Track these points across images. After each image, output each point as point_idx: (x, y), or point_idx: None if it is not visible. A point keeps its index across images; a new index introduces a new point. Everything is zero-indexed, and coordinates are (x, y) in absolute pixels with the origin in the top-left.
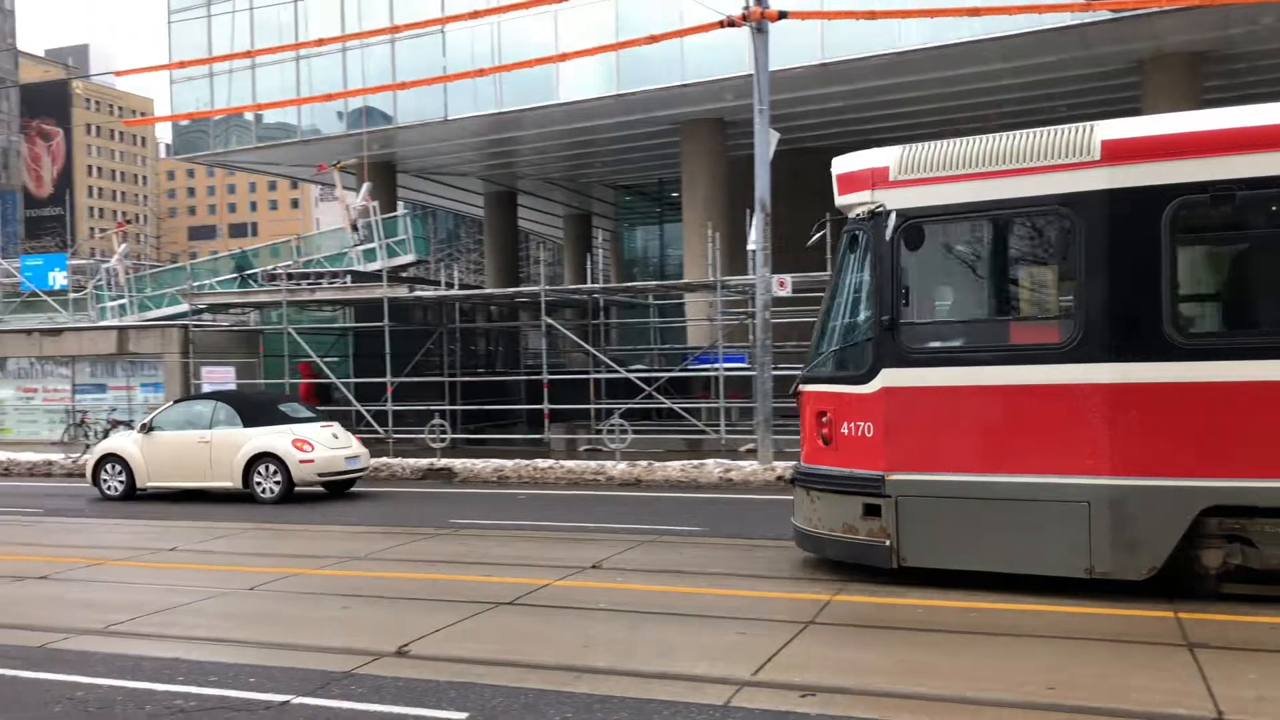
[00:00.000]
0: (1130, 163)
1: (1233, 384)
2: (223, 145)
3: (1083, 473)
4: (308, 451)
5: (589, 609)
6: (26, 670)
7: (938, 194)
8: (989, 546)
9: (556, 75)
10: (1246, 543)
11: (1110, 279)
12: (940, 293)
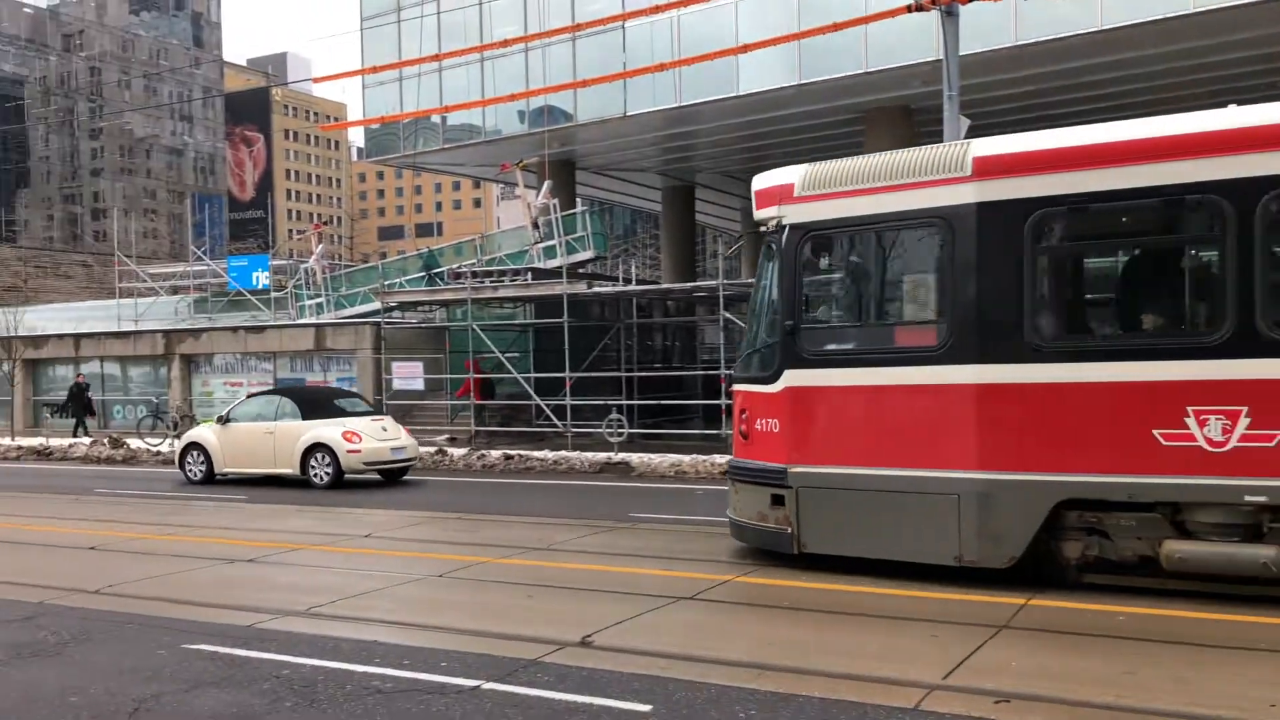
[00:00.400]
0: (997, 178)
1: (1085, 384)
2: (411, 147)
3: (953, 467)
4: (355, 443)
5: (771, 607)
6: (239, 649)
7: (833, 208)
8: (875, 535)
9: (736, 67)
10: (1103, 535)
11: (978, 286)
12: (836, 299)
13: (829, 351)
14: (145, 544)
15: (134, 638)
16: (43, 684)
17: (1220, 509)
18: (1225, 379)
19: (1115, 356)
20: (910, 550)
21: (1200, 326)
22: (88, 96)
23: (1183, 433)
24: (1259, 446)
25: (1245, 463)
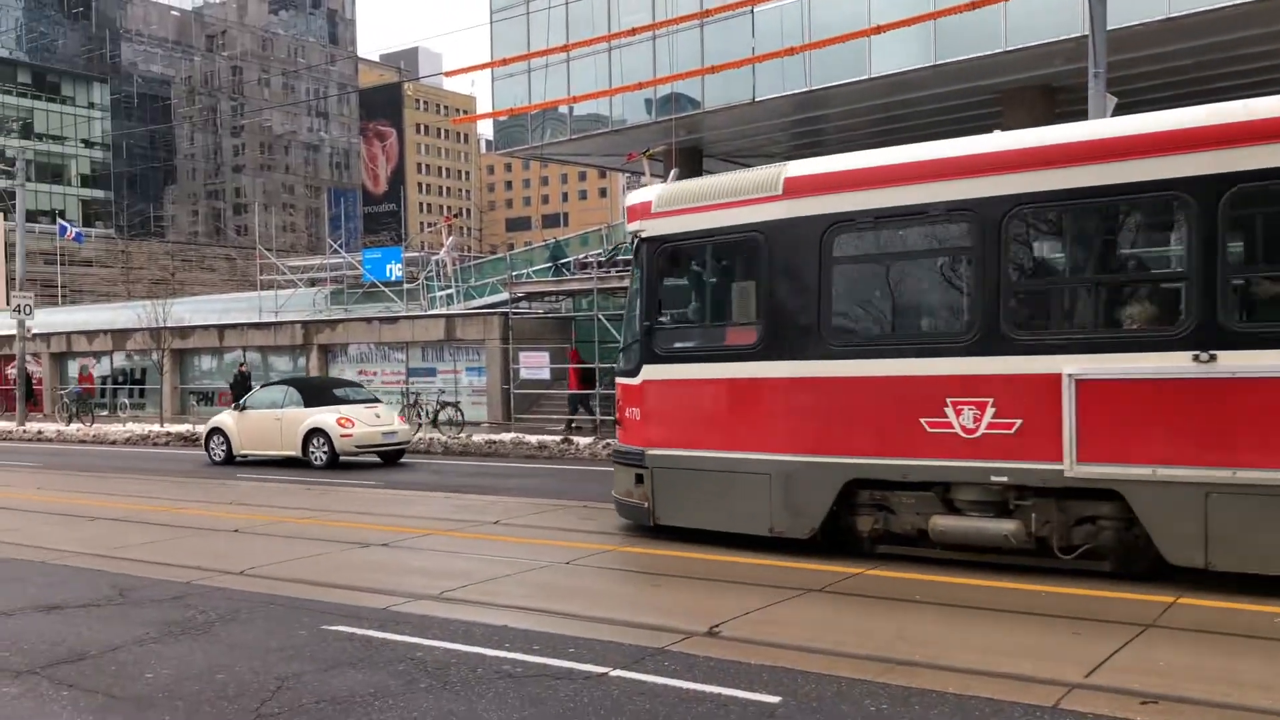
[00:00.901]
0: (801, 196)
1: (866, 379)
2: (539, 138)
3: (766, 450)
4: (348, 427)
5: (901, 600)
6: (375, 630)
7: (680, 224)
8: (710, 509)
9: (868, 49)
10: (889, 511)
11: (785, 292)
12: (682, 303)
13: (676, 349)
14: (285, 527)
15: (276, 618)
16: (192, 661)
17: (975, 488)
18: (976, 374)
19: (890, 354)
20: (736, 522)
21: (957, 328)
22: (229, 95)
23: (943, 421)
24: (1002, 433)
25: (992, 447)
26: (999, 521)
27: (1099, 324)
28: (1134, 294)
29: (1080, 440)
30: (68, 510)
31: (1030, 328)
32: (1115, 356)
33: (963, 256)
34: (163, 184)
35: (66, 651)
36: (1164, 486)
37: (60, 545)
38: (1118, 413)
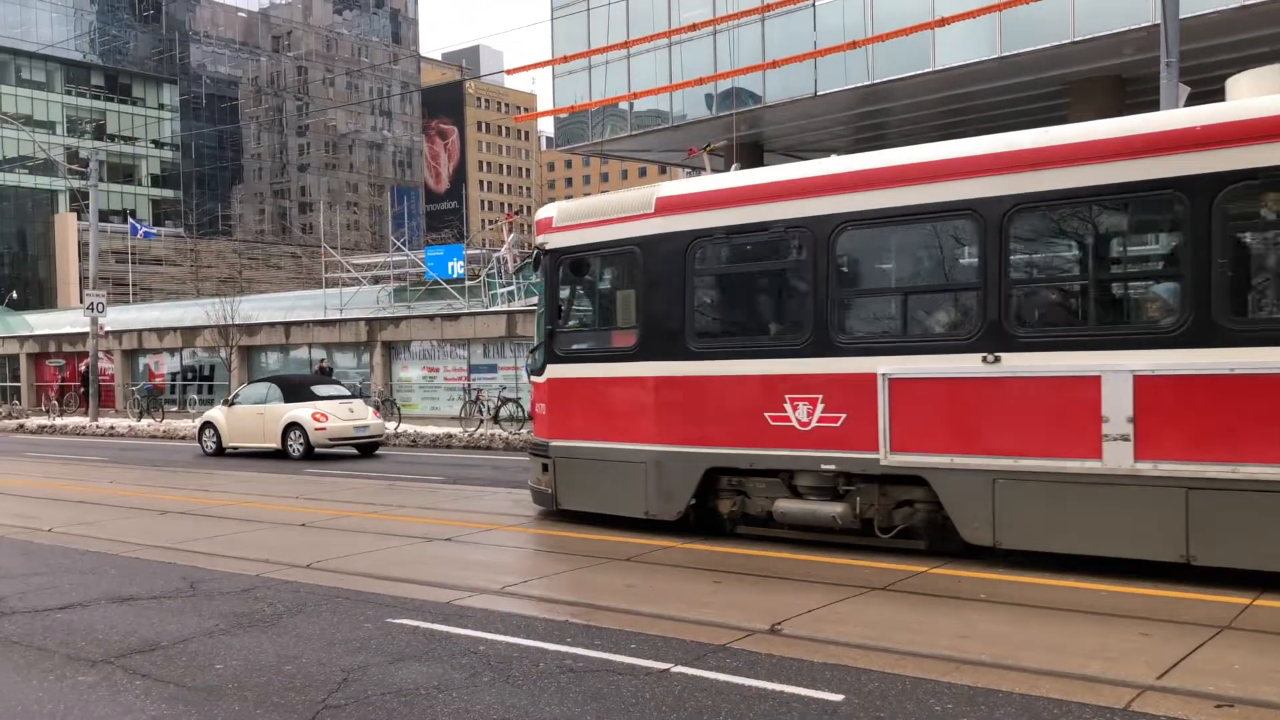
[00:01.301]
0: (670, 214)
1: (721, 377)
2: (599, 135)
3: (643, 441)
4: (322, 422)
5: (966, 600)
6: (438, 624)
7: (576, 237)
8: (600, 494)
9: (932, 42)
10: (745, 495)
11: (657, 300)
12: (577, 309)
13: (573, 350)
14: (350, 521)
15: (342, 611)
16: (261, 652)
17: (811, 475)
18: (808, 374)
19: (740, 356)
20: (620, 506)
21: (794, 333)
22: (295, 95)
23: (783, 415)
24: (831, 426)
25: (823, 438)
26: (830, 504)
27: (908, 329)
28: (936, 302)
29: (893, 432)
30: (139, 504)
31: (852, 332)
32: (920, 358)
33: (798, 268)
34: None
35: (139, 642)
36: (960, 474)
37: (133, 538)
38: (922, 408)
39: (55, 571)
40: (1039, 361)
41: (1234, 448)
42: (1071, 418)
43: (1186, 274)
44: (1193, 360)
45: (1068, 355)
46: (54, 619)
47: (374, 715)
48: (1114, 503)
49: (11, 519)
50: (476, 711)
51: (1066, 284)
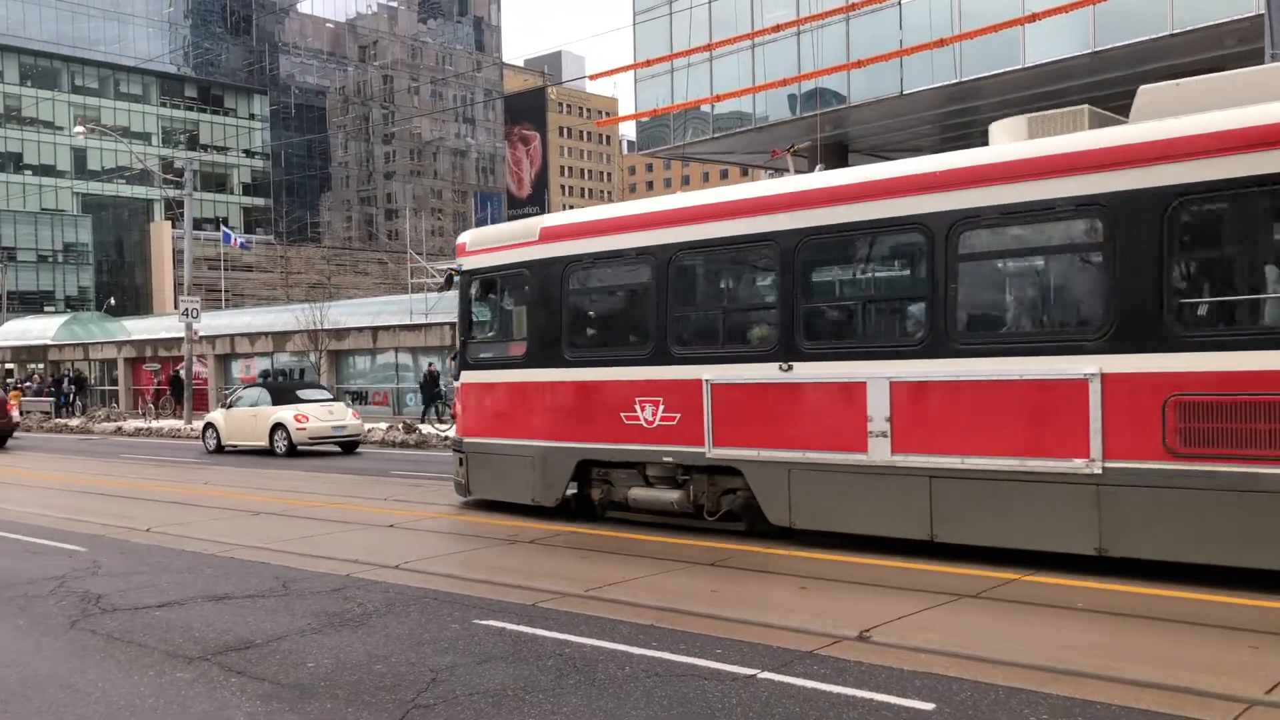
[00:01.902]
0: (550, 242)
1: (587, 382)
2: (681, 138)
3: (531, 438)
4: (303, 423)
5: (1062, 608)
6: (524, 626)
7: (483, 260)
8: (500, 484)
9: (1022, 37)
10: (610, 484)
11: (542, 316)
12: (484, 323)
13: (481, 359)
14: (436, 523)
15: (429, 612)
16: (351, 651)
17: (657, 466)
18: (653, 379)
19: (603, 364)
20: (514, 494)
21: (642, 344)
22: (381, 104)
23: (635, 415)
24: (670, 424)
25: (664, 434)
26: (670, 492)
27: (726, 342)
28: (747, 319)
29: (714, 430)
30: (232, 505)
31: (684, 344)
32: (735, 366)
33: (645, 289)
34: (318, 191)
35: (234, 640)
36: (764, 465)
37: (226, 538)
38: (736, 409)
39: (153, 570)
40: (820, 370)
41: (963, 443)
42: (845, 417)
43: (927, 297)
44: (930, 369)
45: (842, 364)
46: (153, 616)
47: (463, 715)
48: (877, 489)
49: (112, 519)
50: (564, 714)
51: (841, 304)
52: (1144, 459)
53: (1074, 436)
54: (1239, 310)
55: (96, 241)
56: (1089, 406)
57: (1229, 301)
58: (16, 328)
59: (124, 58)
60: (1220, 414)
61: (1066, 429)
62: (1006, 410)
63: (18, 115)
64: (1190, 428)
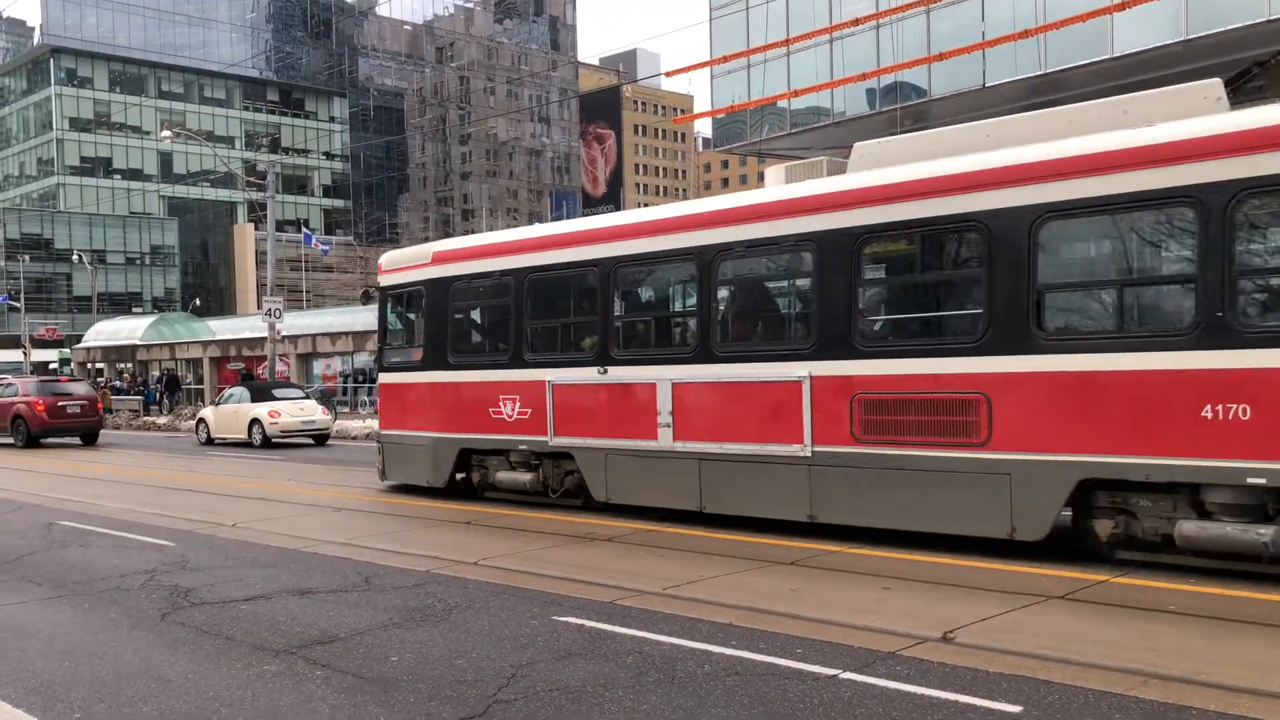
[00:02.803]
0: (439, 264)
1: (466, 382)
2: (758, 134)
3: (426, 430)
4: (275, 418)
5: (1152, 610)
6: (602, 623)
7: (395, 278)
8: (405, 469)
9: (1110, 26)
10: (486, 469)
11: (433, 327)
12: (396, 332)
13: (392, 363)
14: (512, 520)
15: (509, 607)
16: (433, 646)
17: (517, 453)
18: (512, 380)
19: (476, 368)
20: (415, 478)
21: (504, 351)
22: (458, 105)
23: (499, 410)
24: (524, 418)
25: (520, 426)
26: (524, 474)
27: (563, 350)
28: (578, 330)
29: (555, 422)
30: (315, 501)
31: (535, 351)
32: (568, 370)
33: (505, 305)
34: (397, 192)
35: (318, 633)
36: (588, 451)
37: (310, 534)
38: (569, 405)
39: (240, 565)
40: (626, 373)
41: (721, 431)
42: (643, 411)
43: (697, 314)
44: (699, 372)
45: (640, 369)
46: (240, 610)
47: (543, 711)
48: (664, 469)
49: (200, 514)
50: (643, 711)
51: (641, 318)
52: (839, 444)
53: (794, 426)
54: (897, 327)
55: (182, 244)
56: (803, 403)
57: (892, 320)
58: (106, 328)
59: (208, 63)
60: (886, 408)
61: (789, 421)
62: (750, 405)
63: (107, 121)
64: (868, 419)
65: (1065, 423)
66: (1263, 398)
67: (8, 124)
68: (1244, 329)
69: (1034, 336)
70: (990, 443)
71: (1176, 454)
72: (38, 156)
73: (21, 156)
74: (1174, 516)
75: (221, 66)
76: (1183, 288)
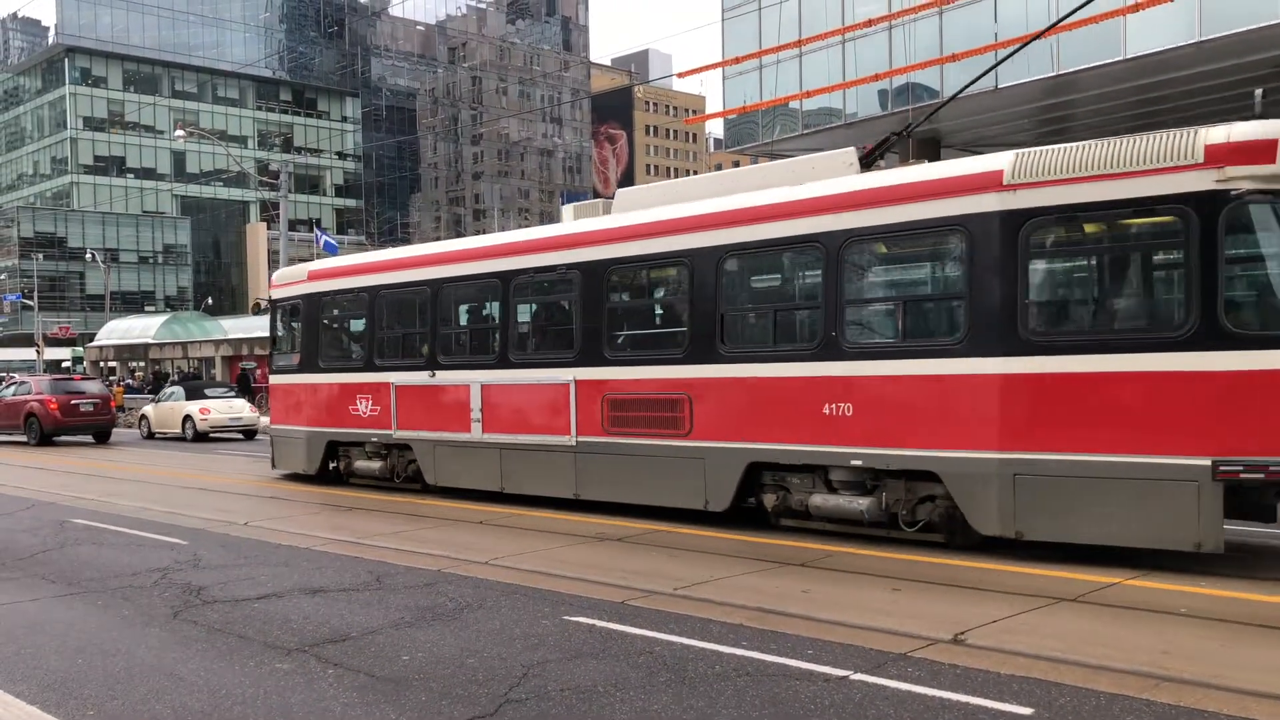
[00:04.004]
0: (313, 281)
1: (332, 383)
2: (769, 135)
3: (301, 425)
4: (205, 415)
5: (1167, 614)
6: (613, 623)
7: (281, 292)
8: (291, 459)
9: (1123, 28)
10: (350, 458)
11: (308, 335)
12: (283, 339)
13: (280, 367)
14: (526, 520)
15: (520, 607)
16: (444, 645)
17: (371, 444)
18: (365, 382)
19: (340, 371)
20: (294, 467)
21: (360, 357)
22: (469, 105)
23: (356, 408)
24: (375, 414)
25: (373, 421)
26: (375, 462)
27: (405, 356)
28: (414, 340)
29: (398, 418)
30: (325, 501)
31: (383, 357)
32: (408, 374)
33: (362, 318)
34: (408, 191)
35: (330, 632)
36: (422, 442)
37: (321, 532)
38: (408, 403)
39: (251, 563)
40: (449, 376)
41: (515, 425)
42: (461, 409)
43: (498, 327)
44: (499, 376)
45: (459, 373)
46: (252, 608)
47: (555, 710)
48: (476, 458)
49: (212, 513)
50: (654, 711)
51: (458, 331)
52: (595, 435)
53: (564, 421)
54: (632, 340)
55: (195, 243)
56: (570, 401)
57: (629, 334)
58: (119, 327)
59: (222, 63)
60: (625, 406)
61: (561, 416)
62: (534, 404)
63: (121, 120)
64: (613, 414)
65: (739, 418)
66: (861, 399)
67: (22, 123)
68: (849, 346)
69: (719, 350)
70: (692, 433)
71: (810, 442)
72: (52, 155)
73: (36, 155)
74: (812, 491)
75: (235, 66)
76: (812, 313)
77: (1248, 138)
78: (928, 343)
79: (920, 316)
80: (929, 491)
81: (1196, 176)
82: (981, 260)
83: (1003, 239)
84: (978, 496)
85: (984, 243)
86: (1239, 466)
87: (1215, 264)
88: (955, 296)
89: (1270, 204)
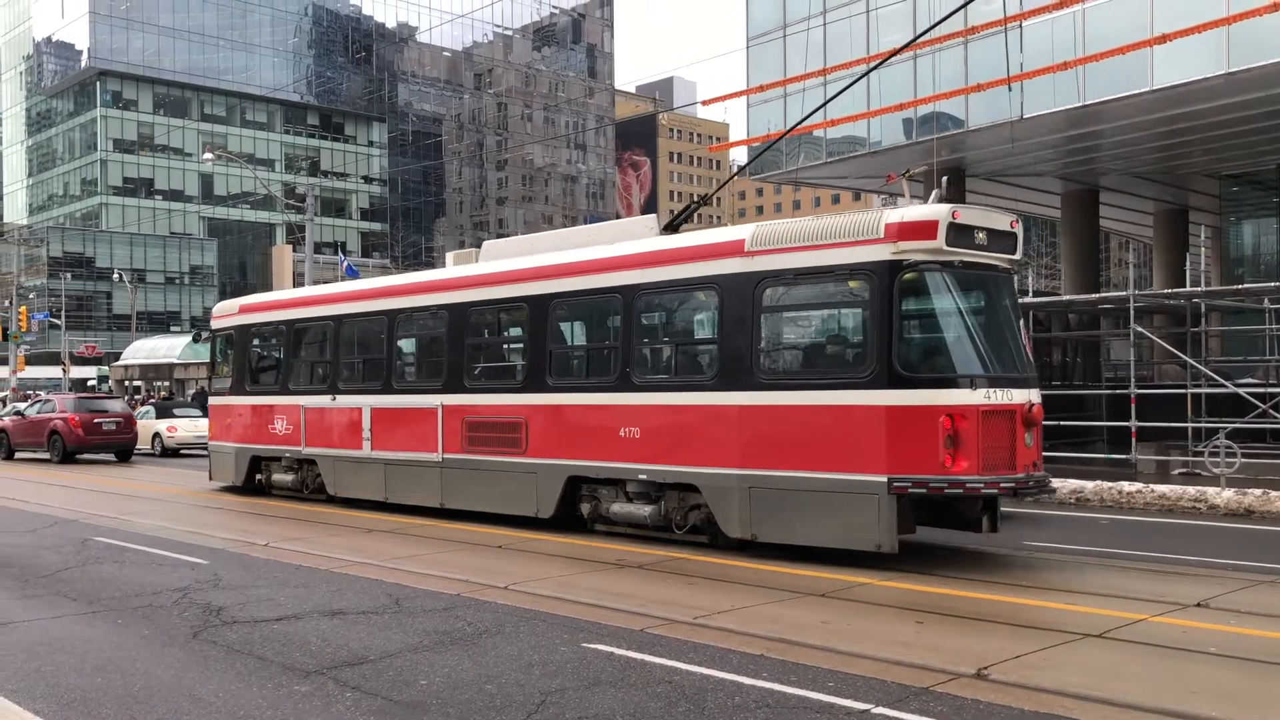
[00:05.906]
0: (245, 314)
1: (256, 405)
2: (793, 162)
3: (233, 441)
4: (173, 432)
5: (1190, 650)
6: (632, 651)
7: (220, 322)
8: (223, 472)
9: (1150, 59)
10: (272, 472)
11: (238, 361)
12: (219, 365)
13: (217, 389)
14: (545, 545)
15: (539, 633)
16: (462, 670)
17: (287, 460)
18: (279, 404)
19: (263, 394)
20: (226, 479)
21: (276, 382)
22: (495, 131)
23: (274, 426)
24: (288, 433)
25: (285, 439)
26: (290, 475)
27: (311, 382)
28: (320, 369)
29: (306, 437)
30: (344, 522)
31: (296, 383)
32: (314, 398)
33: (280, 349)
34: (433, 216)
35: (348, 655)
36: (325, 458)
37: (340, 554)
38: (314, 424)
39: (271, 584)
40: (347, 400)
41: (395, 443)
42: (355, 429)
43: (384, 358)
44: (384, 400)
45: (355, 397)
46: (271, 629)
47: None
48: (367, 471)
49: (232, 534)
50: None
51: (354, 360)
52: (456, 452)
53: (432, 440)
54: (487, 371)
55: (221, 264)
56: (438, 423)
57: (484, 366)
58: (145, 346)
59: (251, 87)
60: (479, 427)
61: (430, 436)
62: (410, 425)
63: (150, 143)
64: (470, 434)
65: (561, 439)
66: (645, 424)
67: (54, 144)
68: (637, 379)
69: (547, 381)
70: (527, 451)
71: (612, 459)
72: (82, 177)
73: (66, 176)
74: (615, 500)
75: (263, 91)
76: (613, 352)
77: (917, 218)
78: (691, 378)
79: (688, 357)
80: (695, 501)
81: (878, 249)
82: (729, 312)
83: (743, 295)
84: (725, 505)
85: (730, 298)
86: (908, 482)
87: (891, 319)
88: (710, 341)
89: (934, 271)
